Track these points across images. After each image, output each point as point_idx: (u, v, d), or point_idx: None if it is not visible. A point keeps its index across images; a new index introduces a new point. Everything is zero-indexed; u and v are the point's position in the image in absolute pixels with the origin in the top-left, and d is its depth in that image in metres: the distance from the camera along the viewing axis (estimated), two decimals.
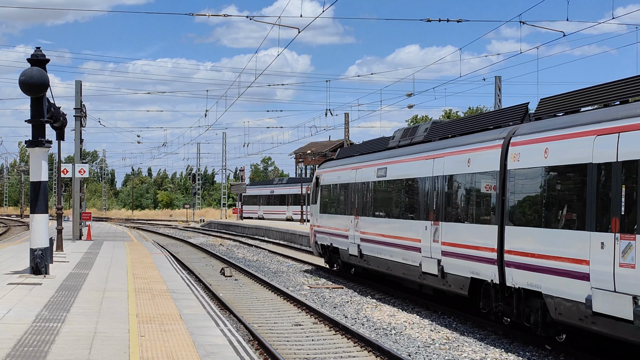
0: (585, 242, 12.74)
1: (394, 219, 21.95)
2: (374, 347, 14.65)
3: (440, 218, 18.51)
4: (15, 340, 11.37)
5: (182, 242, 51.41)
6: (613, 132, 12.25)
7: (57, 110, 22.82)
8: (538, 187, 14.57)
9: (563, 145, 13.73)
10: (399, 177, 21.81)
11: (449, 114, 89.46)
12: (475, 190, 17.14)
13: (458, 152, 18.00)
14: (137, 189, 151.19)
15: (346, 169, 26.75)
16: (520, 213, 15.22)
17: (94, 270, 22.90)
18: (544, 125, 14.80)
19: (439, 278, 18.43)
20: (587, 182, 12.88)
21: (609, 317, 12.20)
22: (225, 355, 10.88)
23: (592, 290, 12.54)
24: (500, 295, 15.84)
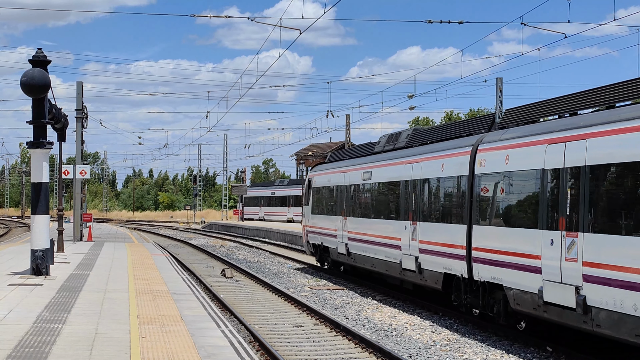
0: (538, 240, 14.21)
1: (378, 219, 23.48)
2: (375, 349, 14.64)
3: (418, 218, 20.02)
4: (16, 341, 11.37)
5: (183, 243, 51.42)
6: (561, 141, 13.77)
7: (59, 112, 22.83)
8: (500, 190, 16.03)
9: (521, 152, 15.24)
10: (382, 180, 23.34)
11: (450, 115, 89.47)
12: (448, 193, 18.74)
13: (433, 158, 19.52)
14: (138, 191, 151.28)
15: (336, 172, 28.32)
16: (485, 214, 16.62)
17: (94, 271, 22.90)
18: (506, 134, 16.30)
19: (417, 274, 19.94)
20: (540, 185, 14.41)
21: (557, 305, 13.61)
22: (226, 356, 10.88)
23: (544, 282, 14.00)
24: (469, 288, 17.35)
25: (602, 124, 12.81)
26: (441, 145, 19.60)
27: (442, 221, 18.77)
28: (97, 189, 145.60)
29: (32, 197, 20.23)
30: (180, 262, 32.60)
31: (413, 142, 22.19)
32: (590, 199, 12.78)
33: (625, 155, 11.98)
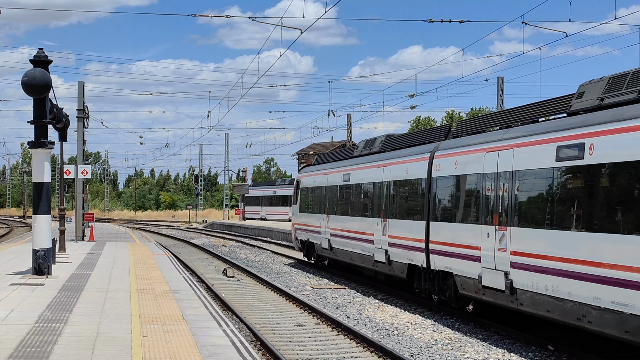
0: (478, 233, 16.74)
1: (355, 217, 25.96)
2: (376, 348, 14.65)
3: (388, 216, 22.59)
4: (18, 340, 11.38)
5: (185, 242, 51.44)
6: (495, 150, 16.25)
7: (60, 111, 22.85)
8: (450, 191, 18.64)
9: (466, 158, 17.73)
10: (359, 182, 25.80)
11: (451, 114, 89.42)
12: (411, 193, 21.25)
13: (400, 162, 22.06)
14: (140, 190, 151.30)
15: (320, 174, 30.89)
16: (439, 211, 19.17)
17: (96, 270, 22.92)
18: (456, 142, 18.77)
19: (387, 265, 22.50)
20: (480, 187, 16.89)
21: (492, 288, 16.12)
22: (227, 355, 10.88)
23: (482, 269, 16.53)
24: (428, 276, 19.83)
25: (524, 137, 15.36)
26: (407, 151, 22.13)
27: (407, 218, 21.26)
28: (99, 188, 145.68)
29: (33, 196, 20.24)
30: (182, 262, 32.63)
31: (385, 148, 24.65)
32: (516, 199, 15.34)
33: (537, 162, 14.63)
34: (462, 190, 17.87)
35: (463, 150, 18.05)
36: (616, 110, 12.90)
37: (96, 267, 24.03)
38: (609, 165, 12.57)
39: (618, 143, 12.37)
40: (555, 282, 13.77)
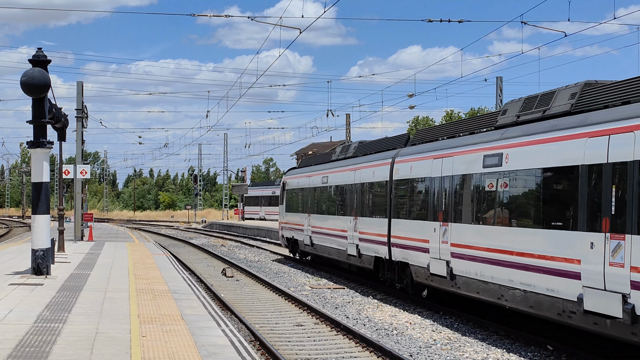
0: (428, 228, 19.42)
1: (332, 216, 28.72)
2: (375, 348, 14.64)
3: (358, 214, 25.37)
4: (17, 340, 11.37)
5: (184, 242, 51.43)
6: (440, 157, 19.18)
7: (59, 111, 22.83)
8: (407, 192, 21.43)
9: (418, 164, 20.61)
10: (335, 184, 28.60)
11: (450, 114, 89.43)
12: (377, 194, 23.87)
13: (368, 166, 24.81)
14: (139, 190, 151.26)
15: (303, 177, 33.70)
16: (398, 210, 21.96)
17: (95, 270, 22.91)
18: (412, 150, 21.66)
19: (358, 258, 25.35)
20: (429, 189, 19.60)
21: (437, 275, 18.83)
22: (226, 355, 10.88)
23: (430, 260, 19.20)
24: (390, 267, 22.64)
25: (461, 147, 18.22)
26: (374, 156, 24.91)
27: (373, 216, 24.02)
28: (98, 188, 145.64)
29: (32, 196, 20.23)
30: (181, 262, 32.62)
31: (358, 153, 27.53)
32: (454, 199, 18.12)
33: (470, 169, 17.40)
34: (416, 192, 20.85)
35: (417, 157, 20.93)
36: (525, 127, 15.66)
37: (95, 267, 24.02)
38: (519, 172, 15.41)
39: (525, 154, 15.16)
40: (482, 269, 16.56)
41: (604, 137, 12.63)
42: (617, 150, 12.29)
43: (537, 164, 14.68)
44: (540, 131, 14.86)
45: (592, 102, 14.16)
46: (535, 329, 16.50)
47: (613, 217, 12.24)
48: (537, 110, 15.79)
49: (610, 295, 12.21)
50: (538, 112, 15.73)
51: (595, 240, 12.63)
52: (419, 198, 20.44)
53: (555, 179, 14.27)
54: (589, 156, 12.97)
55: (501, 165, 15.95)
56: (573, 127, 13.77)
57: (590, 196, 12.85)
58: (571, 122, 14.04)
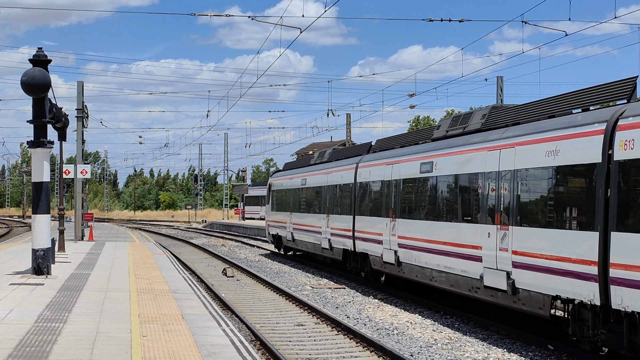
0: (381, 224, 23.07)
1: (309, 214, 32.06)
2: (376, 347, 14.63)
3: (330, 212, 29.00)
4: (17, 340, 11.37)
5: (184, 242, 51.42)
6: (390, 164, 22.96)
7: (59, 111, 22.82)
8: (367, 193, 25.07)
9: (375, 169, 24.22)
10: (312, 185, 32.07)
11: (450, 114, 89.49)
12: (345, 195, 27.49)
13: (338, 170, 28.66)
14: (139, 190, 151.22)
15: (286, 179, 37.19)
16: (361, 208, 25.55)
17: (95, 270, 22.90)
18: (372, 157, 25.45)
19: (330, 250, 28.93)
20: (382, 190, 23.33)
21: (389, 263, 22.39)
22: (227, 355, 10.87)
23: (383, 250, 22.75)
24: (354, 258, 26.30)
25: (405, 155, 22.14)
26: (343, 162, 28.72)
27: (342, 214, 27.61)
28: (98, 188, 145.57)
29: (33, 196, 20.22)
30: (182, 261, 32.60)
31: (332, 158, 31.30)
32: (401, 198, 21.93)
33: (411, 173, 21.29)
34: (373, 192, 24.37)
35: (375, 163, 24.54)
36: (449, 140, 19.49)
37: (95, 267, 24.01)
38: (444, 177, 19.08)
39: (448, 162, 18.91)
40: (419, 256, 20.15)
41: (497, 151, 16.32)
42: (504, 162, 15.94)
43: (455, 170, 18.47)
44: (458, 144, 18.63)
45: (495, 122, 17.75)
46: (536, 329, 16.49)
47: (502, 213, 15.93)
48: (460, 127, 19.48)
49: (500, 273, 15.78)
50: (460, 129, 19.37)
51: (491, 231, 16.28)
52: (376, 198, 24.20)
53: (467, 183, 17.99)
54: (487, 166, 16.68)
55: (432, 171, 19.81)
56: (479, 143, 17.38)
57: (488, 197, 16.60)
58: (478, 138, 17.63)
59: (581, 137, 13.59)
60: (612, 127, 12.76)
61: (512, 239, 15.35)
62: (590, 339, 13.28)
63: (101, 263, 25.71)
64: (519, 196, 15.37)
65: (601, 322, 12.86)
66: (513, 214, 15.45)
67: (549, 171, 14.40)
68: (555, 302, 14.23)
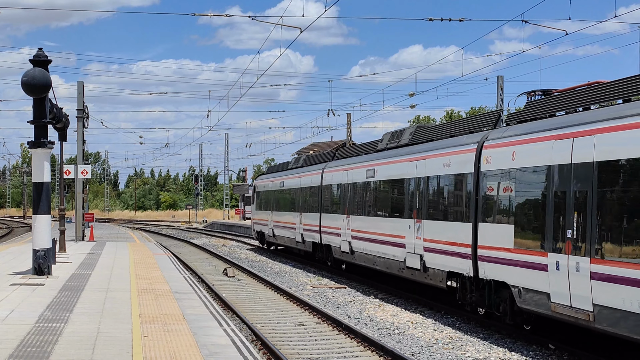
0: (340, 219, 27.94)
1: (287, 212, 36.67)
2: (377, 347, 14.63)
3: (303, 211, 33.61)
4: (18, 340, 11.36)
5: (185, 242, 51.42)
6: (346, 170, 27.76)
7: (60, 111, 22.81)
8: (329, 194, 29.91)
9: (335, 174, 29.22)
10: (289, 187, 36.91)
11: (450, 114, 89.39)
12: (314, 195, 32.11)
13: (308, 174, 33.38)
14: (140, 190, 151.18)
15: (268, 181, 42.37)
16: (325, 207, 30.35)
17: (96, 270, 22.90)
18: (335, 163, 30.31)
19: (302, 243, 33.38)
20: (340, 192, 28.26)
21: (345, 252, 27.10)
22: (228, 355, 10.87)
23: (341, 241, 27.46)
24: (321, 249, 31.03)
25: (357, 163, 26.98)
26: (313, 167, 33.46)
27: (311, 212, 32.32)
28: (99, 188, 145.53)
29: (33, 197, 20.21)
30: (182, 262, 32.60)
31: (305, 164, 36.20)
32: (353, 198, 26.71)
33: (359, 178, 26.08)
34: (334, 193, 29.44)
35: (336, 168, 29.49)
36: (387, 152, 24.22)
37: (96, 267, 24.01)
38: (382, 181, 23.75)
39: (385, 169, 23.61)
40: (366, 245, 24.74)
41: (414, 162, 21.00)
42: (420, 170, 20.54)
43: (389, 176, 23.23)
44: (392, 155, 23.37)
45: (419, 139, 22.23)
46: (536, 329, 16.47)
47: (417, 210, 20.49)
48: (395, 142, 24.06)
49: (416, 256, 20.27)
50: (395, 143, 23.91)
51: (411, 224, 20.84)
52: (336, 198, 28.98)
53: (396, 186, 22.58)
54: (409, 173, 21.35)
55: (374, 177, 24.55)
56: (405, 155, 22.14)
57: (411, 196, 21.12)
58: (405, 151, 22.42)
59: (463, 154, 18.08)
60: (480, 147, 17.23)
61: (424, 230, 19.97)
62: (469, 302, 17.67)
63: (102, 263, 25.71)
64: (428, 196, 20.04)
65: (474, 289, 17.31)
66: (424, 210, 20.06)
67: (445, 178, 19.02)
68: (451, 277, 18.43)
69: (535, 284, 14.53)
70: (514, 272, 15.37)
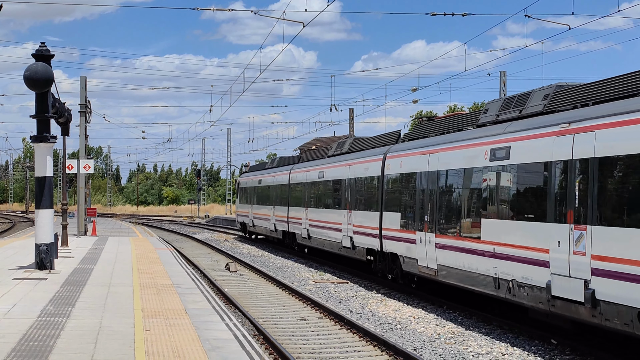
0: (301, 211, 33.39)
1: (264, 205, 42.91)
2: (379, 342, 14.62)
3: (276, 204, 39.36)
4: (21, 334, 11.38)
5: (187, 237, 51.45)
6: (307, 171, 33.42)
7: (62, 106, 22.81)
8: (296, 190, 35.07)
9: (300, 174, 34.37)
10: (264, 184, 43.33)
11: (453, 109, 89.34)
12: (283, 192, 37.74)
13: (279, 174, 39.38)
14: (142, 185, 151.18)
15: (249, 179, 49.30)
16: (292, 201, 35.60)
17: (99, 265, 22.91)
18: (299, 165, 35.57)
19: (275, 232, 39.36)
20: (303, 188, 33.60)
21: (305, 237, 32.49)
22: (230, 349, 10.87)
23: (302, 229, 32.94)
24: (288, 236, 36.76)
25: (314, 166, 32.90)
26: (282, 168, 39.85)
27: (282, 205, 37.89)
28: (101, 183, 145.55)
29: (36, 191, 20.22)
30: (185, 256, 32.62)
31: (278, 164, 42.77)
32: (309, 194, 32.43)
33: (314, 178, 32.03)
34: (297, 190, 35.08)
35: (300, 169, 34.78)
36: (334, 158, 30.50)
37: (99, 262, 24.02)
38: (329, 180, 29.57)
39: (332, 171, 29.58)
40: (318, 231, 30.47)
41: (347, 167, 27.20)
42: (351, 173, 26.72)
43: (333, 177, 29.14)
44: (336, 161, 29.35)
45: (354, 148, 28.64)
46: (538, 324, 16.47)
47: (349, 203, 26.78)
48: (340, 149, 30.50)
49: (348, 238, 26.37)
50: (339, 150, 30.48)
51: (345, 214, 26.95)
52: (299, 194, 34.41)
53: (337, 185, 28.50)
54: (344, 175, 27.62)
55: (324, 177, 30.54)
56: (340, 161, 28.76)
57: (345, 192, 27.35)
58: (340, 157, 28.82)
59: (374, 162, 24.38)
60: (385, 157, 23.36)
61: (352, 217, 26.20)
62: (379, 269, 23.75)
63: (104, 258, 25.72)
64: (356, 192, 26.10)
65: (380, 260, 23.54)
66: (352, 203, 26.34)
67: (364, 179, 25.32)
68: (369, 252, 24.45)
69: (411, 253, 20.58)
70: (401, 246, 21.39)
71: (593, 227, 12.62)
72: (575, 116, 13.80)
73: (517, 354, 14.21)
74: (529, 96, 16.49)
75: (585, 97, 14.35)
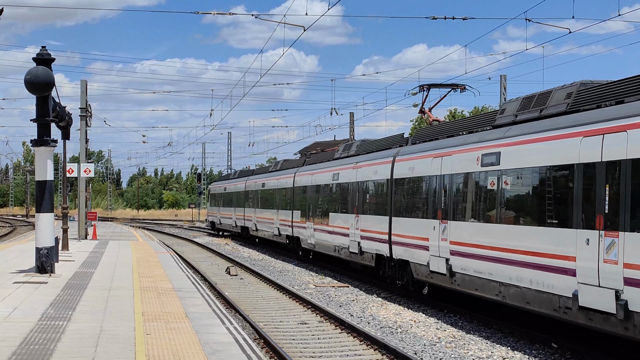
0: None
1: (229, 207, 52.51)
2: (379, 346, 14.62)
3: (237, 206, 47.82)
4: (21, 338, 11.37)
5: (188, 241, 51.44)
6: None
7: (63, 110, 22.82)
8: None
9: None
10: (231, 191, 52.34)
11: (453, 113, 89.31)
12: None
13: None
14: (143, 189, 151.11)
15: (217, 186, 59.45)
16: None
17: (99, 269, 22.91)
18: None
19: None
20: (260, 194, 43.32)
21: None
22: (231, 352, 10.87)
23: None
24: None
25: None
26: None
27: (246, 207, 45.18)
28: (101, 187, 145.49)
29: (36, 195, 20.23)
30: (185, 260, 32.60)
31: (239, 176, 50.58)
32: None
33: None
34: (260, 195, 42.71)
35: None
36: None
37: (99, 266, 24.02)
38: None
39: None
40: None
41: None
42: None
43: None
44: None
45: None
46: (539, 327, 16.47)
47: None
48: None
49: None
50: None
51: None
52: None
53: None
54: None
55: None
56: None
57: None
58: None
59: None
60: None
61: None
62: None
63: (105, 261, 25.72)
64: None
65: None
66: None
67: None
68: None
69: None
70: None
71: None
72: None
73: (518, 358, 14.21)
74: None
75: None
